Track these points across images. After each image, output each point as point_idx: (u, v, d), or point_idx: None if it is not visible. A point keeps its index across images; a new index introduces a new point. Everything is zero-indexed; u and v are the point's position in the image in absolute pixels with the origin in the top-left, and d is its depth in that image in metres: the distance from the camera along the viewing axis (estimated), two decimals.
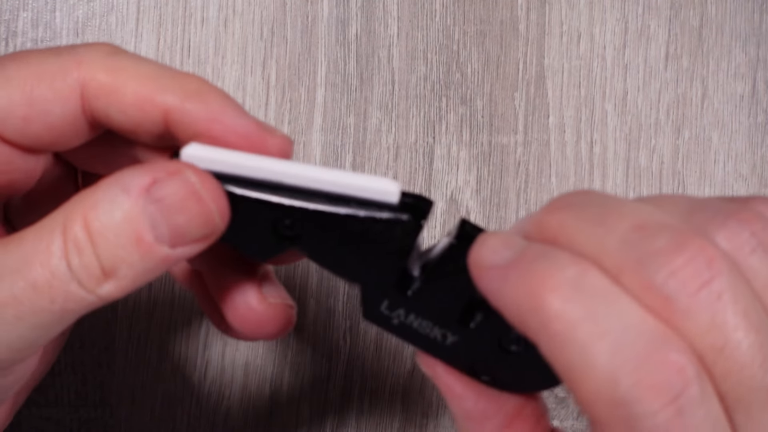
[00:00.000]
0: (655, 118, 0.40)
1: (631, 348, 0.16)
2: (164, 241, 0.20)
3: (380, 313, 0.23)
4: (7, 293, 0.19)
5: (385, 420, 0.39)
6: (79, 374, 0.37)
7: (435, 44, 0.38)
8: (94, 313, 0.36)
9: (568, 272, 0.17)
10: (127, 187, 0.20)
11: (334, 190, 0.22)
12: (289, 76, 0.37)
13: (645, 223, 0.17)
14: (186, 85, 0.22)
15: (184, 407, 0.37)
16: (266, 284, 0.25)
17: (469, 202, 0.39)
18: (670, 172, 0.40)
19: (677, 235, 0.17)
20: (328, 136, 0.38)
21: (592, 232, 0.18)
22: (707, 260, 0.16)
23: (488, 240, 0.20)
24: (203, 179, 0.20)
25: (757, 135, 0.40)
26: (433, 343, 0.23)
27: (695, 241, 0.17)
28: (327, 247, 0.22)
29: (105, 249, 0.20)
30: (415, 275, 0.23)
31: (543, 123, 0.39)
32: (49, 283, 0.19)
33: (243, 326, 0.25)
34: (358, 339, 0.38)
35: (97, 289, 0.20)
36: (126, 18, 0.36)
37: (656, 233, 0.17)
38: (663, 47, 0.40)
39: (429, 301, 0.23)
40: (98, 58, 0.22)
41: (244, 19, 0.37)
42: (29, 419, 0.36)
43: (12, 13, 0.36)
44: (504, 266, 0.19)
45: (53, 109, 0.22)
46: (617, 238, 0.17)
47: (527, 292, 0.18)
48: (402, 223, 0.22)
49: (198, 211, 0.20)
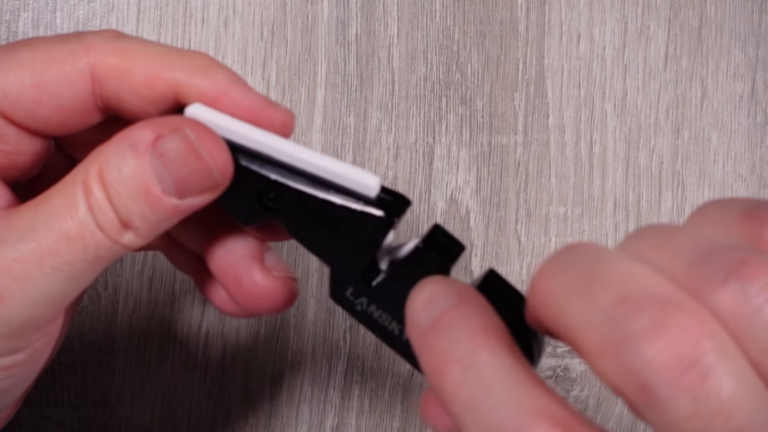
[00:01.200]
0: (655, 119, 0.40)
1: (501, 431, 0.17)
2: (171, 192, 0.21)
3: (345, 298, 0.24)
4: (43, 246, 0.21)
5: (385, 420, 0.39)
6: (80, 374, 0.37)
7: (435, 44, 0.38)
8: (94, 313, 0.37)
9: (461, 351, 0.18)
10: (134, 143, 0.21)
11: (319, 174, 0.23)
12: (290, 76, 0.38)
13: (629, 295, 0.16)
14: (193, 62, 0.23)
15: (185, 407, 0.38)
16: (268, 258, 0.26)
17: (469, 201, 0.39)
18: (669, 172, 0.40)
19: (659, 311, 0.16)
20: (328, 137, 0.38)
21: (576, 305, 0.17)
22: (691, 342, 0.15)
23: (416, 297, 0.21)
24: (201, 136, 0.21)
25: (756, 135, 0.40)
26: (390, 335, 0.24)
27: (679, 318, 0.16)
28: (304, 226, 0.23)
29: (119, 202, 0.21)
30: (382, 269, 0.24)
31: (543, 123, 0.39)
32: (80, 233, 0.21)
33: (248, 301, 0.25)
34: (358, 339, 0.38)
35: (120, 238, 0.21)
36: (126, 18, 0.36)
37: (639, 309, 0.16)
38: (662, 47, 0.40)
39: (390, 296, 0.23)
40: (106, 42, 0.23)
41: (245, 20, 0.37)
42: (30, 419, 0.36)
43: (13, 14, 0.36)
44: (419, 333, 0.20)
45: (63, 92, 0.22)
46: (599, 314, 0.16)
47: (430, 371, 0.19)
48: (374, 218, 0.23)
49: (197, 167, 0.21)
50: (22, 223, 0.21)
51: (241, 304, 0.26)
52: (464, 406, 0.18)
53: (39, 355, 0.23)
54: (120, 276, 0.37)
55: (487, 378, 0.18)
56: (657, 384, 0.16)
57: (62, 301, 0.22)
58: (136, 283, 0.37)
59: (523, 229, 0.39)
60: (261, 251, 0.26)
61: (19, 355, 0.22)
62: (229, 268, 0.25)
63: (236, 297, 0.26)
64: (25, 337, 0.22)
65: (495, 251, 0.39)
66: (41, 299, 0.21)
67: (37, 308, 0.21)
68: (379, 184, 0.23)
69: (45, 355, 0.24)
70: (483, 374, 0.18)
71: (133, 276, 0.37)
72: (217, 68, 0.23)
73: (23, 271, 0.20)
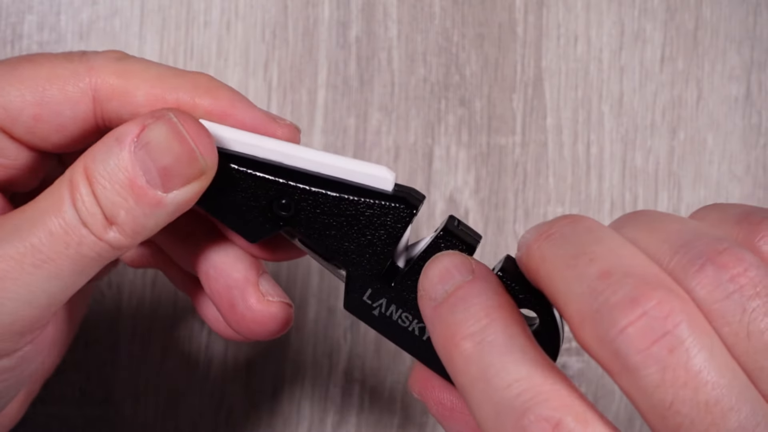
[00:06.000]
0: (651, 120, 0.40)
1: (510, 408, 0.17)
2: (156, 184, 0.21)
3: (362, 303, 0.23)
4: (26, 243, 0.20)
5: (385, 418, 0.39)
6: (84, 372, 0.37)
7: (434, 47, 0.39)
8: (98, 312, 0.37)
9: (475, 327, 0.19)
10: (120, 137, 0.21)
11: (332, 174, 0.23)
12: (291, 78, 0.38)
13: (611, 269, 0.17)
14: (195, 83, 0.23)
15: (188, 404, 0.38)
16: (263, 283, 0.26)
17: (468, 202, 0.39)
18: (665, 173, 0.41)
19: (637, 286, 0.17)
20: (328, 138, 0.38)
21: (563, 274, 0.18)
22: (663, 314, 0.16)
23: (431, 268, 0.21)
24: (184, 119, 0.21)
25: (751, 136, 0.41)
26: (410, 337, 0.23)
27: (654, 294, 0.17)
28: (319, 230, 0.23)
29: (103, 196, 0.21)
30: (400, 267, 0.23)
31: (540, 124, 0.40)
32: (63, 229, 0.21)
33: (242, 326, 0.25)
34: (358, 337, 0.39)
35: (104, 235, 0.21)
36: (130, 21, 0.37)
37: (618, 283, 0.17)
38: (659, 50, 0.40)
39: (411, 293, 0.23)
40: (109, 62, 0.23)
41: (246, 22, 0.38)
42: (34, 417, 0.36)
43: (18, 16, 0.36)
44: (433, 306, 0.20)
45: (64, 110, 0.22)
46: (584, 285, 0.17)
47: (442, 343, 0.19)
48: (394, 210, 0.22)
49: (181, 150, 0.21)
50: (8, 224, 0.21)
51: (235, 328, 0.25)
52: (474, 379, 0.18)
53: (29, 361, 0.23)
54: (123, 275, 0.37)
55: (499, 354, 0.18)
56: (628, 351, 0.16)
57: (47, 304, 0.21)
58: (140, 283, 0.37)
59: (522, 228, 0.40)
60: (257, 275, 0.25)
61: (5, 361, 0.22)
62: (224, 291, 0.25)
63: (230, 321, 0.25)
64: (9, 340, 0.21)
65: (494, 251, 0.39)
66: (23, 299, 0.21)
67: (20, 309, 0.21)
68: (394, 178, 0.23)
69: (37, 361, 0.24)
70: (496, 350, 0.18)
71: (136, 275, 0.37)
72: (220, 88, 0.23)
73: (3, 269, 0.20)
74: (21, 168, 0.24)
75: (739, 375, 0.17)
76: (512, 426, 0.17)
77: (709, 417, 0.16)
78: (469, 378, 0.18)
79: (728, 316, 0.17)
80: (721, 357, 0.17)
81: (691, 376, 0.16)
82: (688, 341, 0.16)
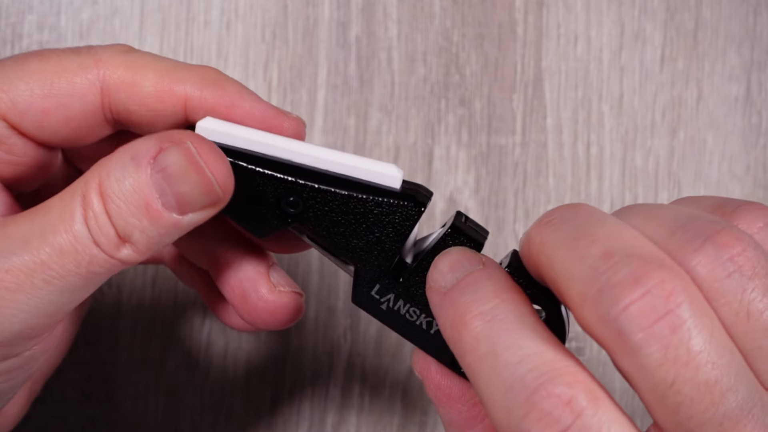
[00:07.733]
0: (651, 120, 0.40)
1: (521, 384, 0.17)
2: (172, 207, 0.21)
3: (370, 297, 0.24)
4: (35, 258, 0.20)
5: (385, 417, 0.39)
6: (84, 372, 0.37)
7: (434, 47, 0.39)
8: (98, 311, 0.37)
9: (486, 306, 0.19)
10: (136, 156, 0.21)
11: (340, 172, 0.23)
12: (291, 78, 0.38)
13: (613, 250, 0.17)
14: (203, 75, 0.23)
15: (188, 403, 0.38)
16: (274, 274, 0.26)
17: (468, 202, 0.39)
18: (665, 173, 0.41)
19: (639, 266, 0.17)
20: (328, 138, 0.38)
21: (564, 256, 0.18)
22: (666, 293, 0.16)
23: (441, 261, 0.21)
24: (203, 149, 0.21)
25: (751, 136, 0.41)
26: (418, 330, 0.24)
27: (656, 274, 0.17)
28: (327, 227, 0.23)
29: (118, 216, 0.21)
30: (408, 263, 0.24)
31: (540, 124, 0.40)
32: (73, 247, 0.20)
33: (254, 317, 0.25)
34: (358, 337, 0.39)
35: (117, 253, 0.21)
36: (130, 21, 0.37)
37: (621, 263, 0.17)
38: (659, 50, 0.40)
39: (419, 288, 0.23)
40: (116, 55, 0.23)
41: (246, 22, 0.38)
42: (35, 416, 0.36)
43: (18, 16, 0.36)
44: (442, 293, 0.20)
45: (72, 103, 0.23)
46: (585, 266, 0.18)
47: (450, 324, 0.19)
48: (403, 207, 0.22)
49: (198, 180, 0.21)
50: (17, 233, 0.21)
51: (248, 319, 0.26)
52: (483, 356, 0.18)
53: (35, 359, 0.23)
54: (123, 275, 0.37)
55: (510, 331, 0.18)
56: (630, 330, 0.17)
57: (56, 313, 0.21)
58: (140, 282, 0.37)
59: (522, 228, 0.40)
60: (267, 267, 0.26)
61: (13, 360, 0.22)
62: (236, 284, 0.25)
63: (243, 313, 0.26)
64: (19, 346, 0.22)
65: (493, 251, 0.40)
66: (33, 311, 0.21)
67: (30, 319, 0.21)
68: (402, 176, 0.23)
69: (42, 359, 0.24)
70: (507, 326, 0.18)
71: (136, 275, 0.37)
72: (227, 81, 0.23)
73: (15, 283, 0.20)
74: (28, 165, 0.24)
75: (736, 356, 0.17)
76: (523, 401, 0.17)
77: (708, 397, 0.16)
78: (478, 355, 0.18)
79: (728, 296, 0.17)
80: (720, 337, 0.17)
81: (692, 356, 0.16)
82: (689, 321, 0.16)
